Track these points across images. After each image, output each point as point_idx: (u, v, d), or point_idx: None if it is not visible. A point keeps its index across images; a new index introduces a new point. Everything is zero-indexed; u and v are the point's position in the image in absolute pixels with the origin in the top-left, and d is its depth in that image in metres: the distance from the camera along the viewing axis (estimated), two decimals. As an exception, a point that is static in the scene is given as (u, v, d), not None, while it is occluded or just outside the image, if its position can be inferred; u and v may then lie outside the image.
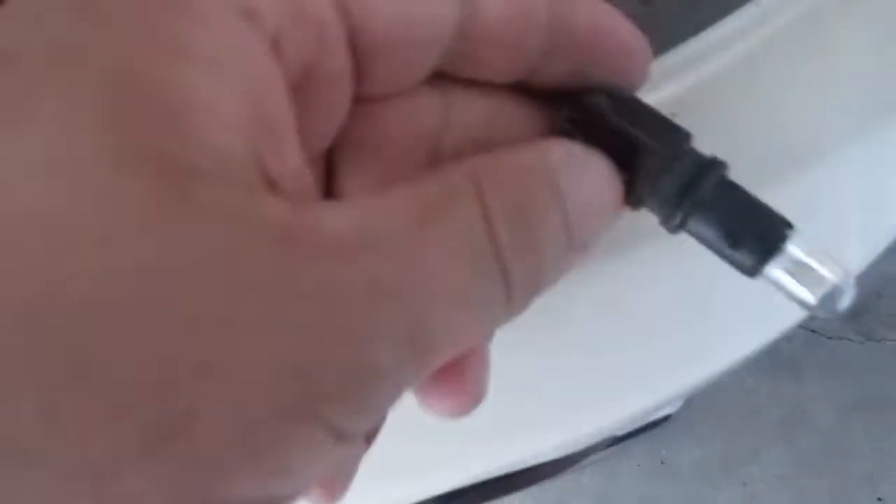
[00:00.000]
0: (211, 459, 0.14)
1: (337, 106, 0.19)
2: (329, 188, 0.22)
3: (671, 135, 0.21)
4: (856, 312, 1.28)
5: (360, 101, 0.20)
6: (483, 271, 0.17)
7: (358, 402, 0.15)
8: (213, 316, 0.14)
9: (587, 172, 0.20)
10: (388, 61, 0.19)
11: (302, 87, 0.18)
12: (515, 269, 0.17)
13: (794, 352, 1.27)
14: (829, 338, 1.28)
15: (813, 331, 1.28)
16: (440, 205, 0.17)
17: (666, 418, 0.54)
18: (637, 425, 0.54)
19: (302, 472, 0.16)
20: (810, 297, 0.20)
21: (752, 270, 0.20)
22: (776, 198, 0.31)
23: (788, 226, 0.20)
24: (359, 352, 0.15)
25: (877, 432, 1.22)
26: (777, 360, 1.26)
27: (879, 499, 1.19)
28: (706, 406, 1.25)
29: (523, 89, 0.22)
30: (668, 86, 0.31)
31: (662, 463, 1.23)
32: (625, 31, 0.21)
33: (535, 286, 0.19)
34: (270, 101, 0.16)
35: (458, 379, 0.23)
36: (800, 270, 0.20)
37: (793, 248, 0.20)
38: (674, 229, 0.21)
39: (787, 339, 1.26)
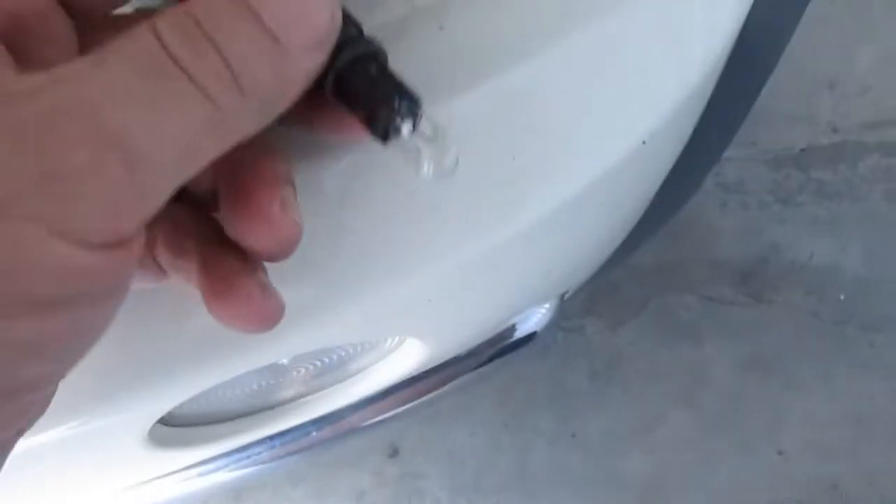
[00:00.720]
0: None
1: (60, 36, 0.23)
2: None
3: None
4: (746, 277, 1.34)
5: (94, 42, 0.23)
6: (163, 75, 0.20)
7: (66, 201, 0.18)
8: None
9: None
10: None
11: (15, 26, 0.21)
12: (198, 69, 0.20)
13: (691, 318, 1.31)
14: (724, 303, 1.33)
15: (709, 298, 1.33)
16: (117, 46, 0.20)
17: (531, 337, 0.55)
18: (501, 343, 0.55)
19: (45, 271, 0.18)
20: (425, 165, 0.24)
21: (384, 139, 0.24)
22: (578, 40, 0.34)
23: (416, 104, 0.24)
24: (50, 156, 0.18)
25: (772, 388, 1.27)
26: (676, 327, 1.31)
27: (780, 451, 1.24)
28: (611, 377, 1.28)
29: None
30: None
31: (573, 436, 1.25)
32: None
33: (237, 84, 0.21)
34: None
35: (264, 218, 0.26)
36: (422, 140, 0.24)
37: (419, 123, 0.24)
38: (333, 104, 0.25)
39: (685, 307, 1.31)
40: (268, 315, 0.26)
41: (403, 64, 0.32)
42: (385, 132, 0.24)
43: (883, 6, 1.45)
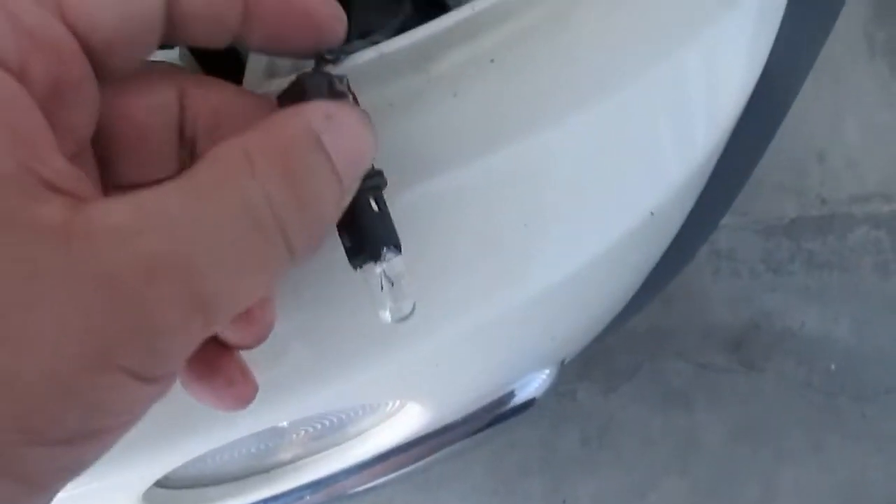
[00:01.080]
0: (34, 407, 0.18)
1: (88, 102, 0.23)
2: (105, 178, 0.25)
3: None
4: (738, 344, 1.34)
5: (109, 94, 0.24)
6: (265, 236, 0.20)
7: (151, 354, 0.19)
8: (9, 302, 0.17)
9: (344, 124, 0.23)
10: (119, 55, 0.23)
11: (54, 96, 0.21)
12: (295, 228, 0.21)
13: (683, 384, 1.31)
14: (716, 371, 1.33)
15: (701, 365, 1.33)
16: (215, 183, 0.20)
17: (530, 403, 0.55)
18: (499, 409, 0.54)
19: (118, 408, 0.20)
20: (385, 308, 0.26)
21: (354, 267, 0.26)
22: (591, 114, 0.34)
23: (396, 248, 0.26)
24: (144, 316, 0.18)
25: (764, 458, 1.26)
26: (668, 393, 1.30)
27: (772, 522, 1.22)
28: (603, 442, 1.27)
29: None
30: (489, 33, 0.34)
31: (564, 503, 1.23)
32: (313, 2, 0.24)
33: (316, 237, 0.22)
34: (24, 119, 0.19)
35: (243, 317, 0.26)
36: (388, 281, 0.26)
37: (389, 266, 0.26)
38: None
39: (677, 373, 1.31)
40: (245, 398, 0.27)
41: (417, 128, 0.33)
42: (360, 266, 0.26)
43: (870, 82, 1.49)
